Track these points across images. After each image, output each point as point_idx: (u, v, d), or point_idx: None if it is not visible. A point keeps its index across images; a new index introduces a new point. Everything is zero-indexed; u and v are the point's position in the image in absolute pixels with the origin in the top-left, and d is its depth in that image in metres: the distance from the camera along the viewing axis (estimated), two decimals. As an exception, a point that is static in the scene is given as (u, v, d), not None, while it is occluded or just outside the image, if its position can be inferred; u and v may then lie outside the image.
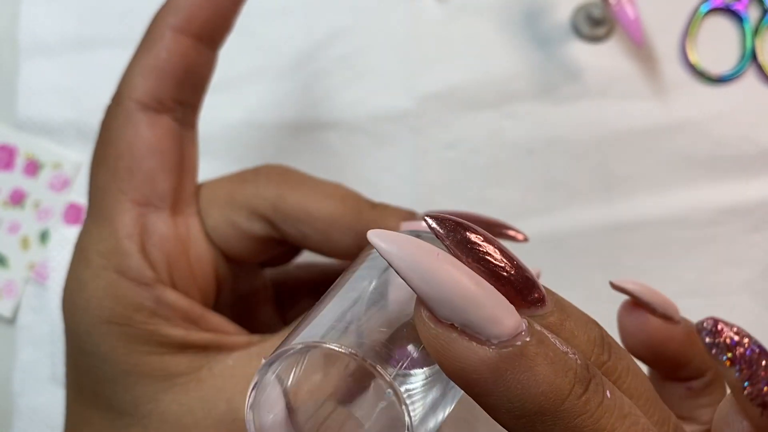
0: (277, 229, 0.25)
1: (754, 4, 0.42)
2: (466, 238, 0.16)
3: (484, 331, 0.15)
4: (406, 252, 0.15)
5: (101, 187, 0.24)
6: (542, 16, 0.42)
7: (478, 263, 0.16)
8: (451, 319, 0.15)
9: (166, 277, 0.24)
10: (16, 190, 0.40)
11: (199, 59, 0.25)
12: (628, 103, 0.41)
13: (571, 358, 0.16)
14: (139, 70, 0.25)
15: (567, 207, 0.40)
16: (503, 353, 0.15)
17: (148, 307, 0.23)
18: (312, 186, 0.25)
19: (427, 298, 0.15)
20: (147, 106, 0.24)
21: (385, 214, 0.25)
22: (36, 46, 0.41)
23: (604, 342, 0.18)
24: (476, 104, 0.41)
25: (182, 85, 0.25)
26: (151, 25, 0.25)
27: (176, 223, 0.25)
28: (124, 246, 0.23)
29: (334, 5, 0.41)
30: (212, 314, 0.24)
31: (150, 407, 0.23)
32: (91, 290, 0.23)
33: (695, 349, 0.21)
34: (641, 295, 0.21)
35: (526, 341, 0.15)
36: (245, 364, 0.23)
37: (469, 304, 0.15)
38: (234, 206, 0.25)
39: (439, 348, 0.15)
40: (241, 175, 0.26)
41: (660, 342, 0.21)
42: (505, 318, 0.15)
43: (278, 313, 0.32)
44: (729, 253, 0.40)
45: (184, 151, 0.25)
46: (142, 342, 0.23)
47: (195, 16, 0.25)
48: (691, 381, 0.22)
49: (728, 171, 0.41)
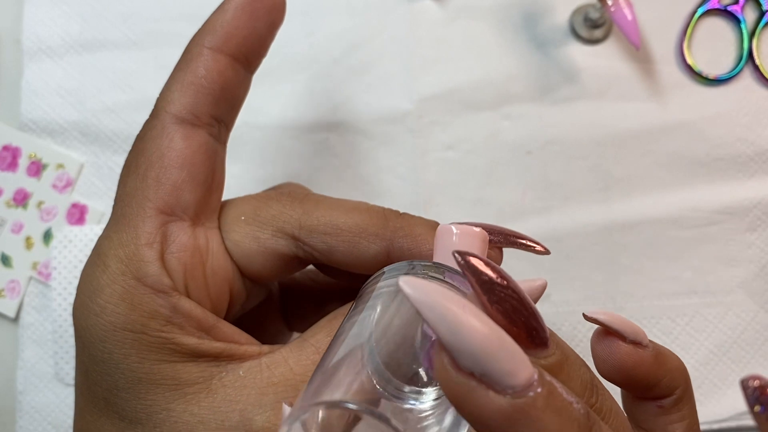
0: (303, 245, 0.25)
1: (751, 6, 0.42)
2: (489, 279, 0.18)
3: (501, 382, 0.16)
4: (435, 302, 0.16)
5: (128, 193, 0.25)
6: (540, 18, 0.42)
7: (498, 304, 0.18)
8: (471, 369, 0.16)
9: (181, 286, 0.24)
10: (19, 191, 0.41)
11: (236, 78, 0.26)
12: (626, 104, 0.41)
13: (575, 408, 0.17)
14: (178, 85, 0.25)
15: (565, 207, 0.41)
16: (517, 403, 0.16)
17: (164, 315, 0.23)
18: (335, 202, 0.26)
19: (451, 347, 0.16)
20: (183, 119, 0.25)
21: (411, 222, 0.25)
22: (39, 48, 0.41)
23: (593, 385, 0.19)
24: (475, 105, 0.41)
25: (219, 102, 0.26)
26: (189, 45, 0.26)
27: (196, 235, 0.25)
28: (144, 253, 0.23)
29: (334, 7, 0.42)
30: (225, 324, 0.25)
31: (162, 416, 0.23)
32: (107, 295, 0.23)
33: (663, 369, 0.22)
34: (611, 324, 0.22)
35: (538, 392, 0.16)
36: (256, 374, 0.23)
37: (490, 357, 0.16)
38: (260, 223, 0.25)
39: (459, 395, 0.16)
40: (266, 194, 0.27)
41: (631, 366, 0.22)
42: (520, 370, 0.16)
43: (284, 321, 0.32)
44: (725, 253, 0.40)
45: (215, 167, 0.26)
46: (156, 350, 0.23)
47: (232, 36, 0.25)
48: (661, 399, 0.23)
49: (725, 171, 0.41)
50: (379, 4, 0.42)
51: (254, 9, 0.26)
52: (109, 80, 0.41)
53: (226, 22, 0.25)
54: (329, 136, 0.41)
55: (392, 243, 0.24)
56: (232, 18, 0.25)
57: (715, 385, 0.40)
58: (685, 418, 0.23)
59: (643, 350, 0.22)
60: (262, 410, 0.22)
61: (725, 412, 0.39)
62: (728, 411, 0.39)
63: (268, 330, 0.31)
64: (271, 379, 0.23)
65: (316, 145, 0.41)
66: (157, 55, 0.41)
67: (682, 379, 0.23)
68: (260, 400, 0.23)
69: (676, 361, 0.23)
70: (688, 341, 0.40)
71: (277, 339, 0.32)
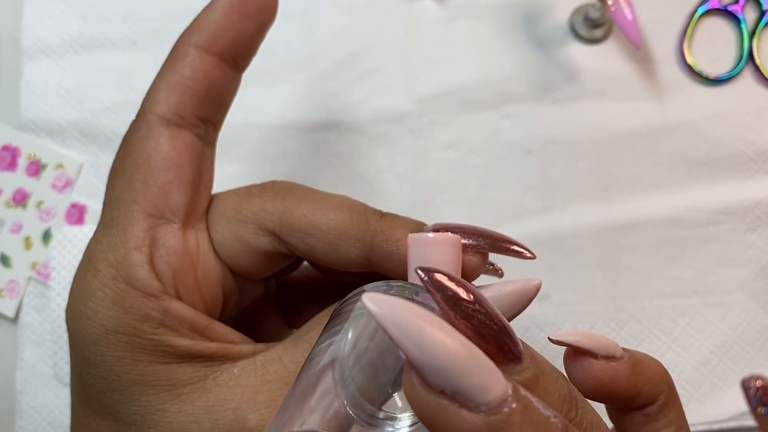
0: (284, 243, 0.25)
1: (751, 6, 0.42)
2: (454, 294, 0.17)
3: (474, 398, 0.15)
4: (400, 317, 0.15)
5: (116, 197, 0.24)
6: (541, 17, 0.42)
7: (465, 320, 0.17)
8: (441, 386, 0.15)
9: (171, 289, 0.24)
10: (18, 191, 0.41)
11: (223, 78, 0.26)
12: (626, 104, 0.41)
13: (552, 422, 0.16)
14: (163, 85, 0.25)
15: (565, 207, 0.41)
16: (491, 420, 0.15)
17: (155, 318, 0.23)
18: (318, 199, 0.25)
19: (419, 365, 0.15)
20: (169, 120, 0.25)
21: (393, 224, 0.24)
22: (39, 47, 0.41)
23: (572, 398, 0.19)
24: (475, 105, 0.41)
25: (205, 102, 0.25)
26: (176, 44, 0.26)
27: (186, 238, 0.25)
28: (133, 257, 0.23)
29: (334, 7, 0.42)
30: (218, 324, 0.25)
31: (156, 417, 0.23)
32: (99, 299, 0.23)
33: (643, 378, 0.22)
34: (580, 344, 0.21)
35: (513, 408, 0.16)
36: (250, 373, 0.23)
37: (460, 372, 0.15)
38: (241, 221, 0.25)
39: (430, 415, 0.16)
40: (248, 190, 0.26)
41: (608, 382, 0.21)
42: (493, 385, 0.16)
43: (283, 319, 0.32)
44: (726, 253, 0.40)
45: (202, 167, 0.26)
46: (148, 352, 0.23)
47: (219, 36, 0.25)
48: (646, 408, 0.22)
49: (725, 171, 0.41)
50: (379, 4, 0.42)
51: (244, 8, 0.25)
52: (108, 80, 0.41)
53: (214, 22, 0.25)
54: (329, 136, 0.41)
55: (372, 246, 0.24)
56: (220, 17, 0.25)
57: (716, 385, 0.40)
58: (672, 423, 0.22)
59: (618, 363, 0.21)
60: (255, 408, 0.22)
61: (725, 413, 0.39)
62: (728, 411, 0.39)
63: (267, 328, 0.31)
64: (266, 377, 0.23)
65: (316, 145, 0.41)
66: (157, 55, 0.41)
67: (664, 384, 0.22)
68: (254, 398, 0.23)
69: (655, 366, 0.22)
70: (689, 341, 0.40)
71: (276, 337, 0.32)
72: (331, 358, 0.19)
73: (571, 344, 0.21)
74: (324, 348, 0.20)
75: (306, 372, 0.20)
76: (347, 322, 0.21)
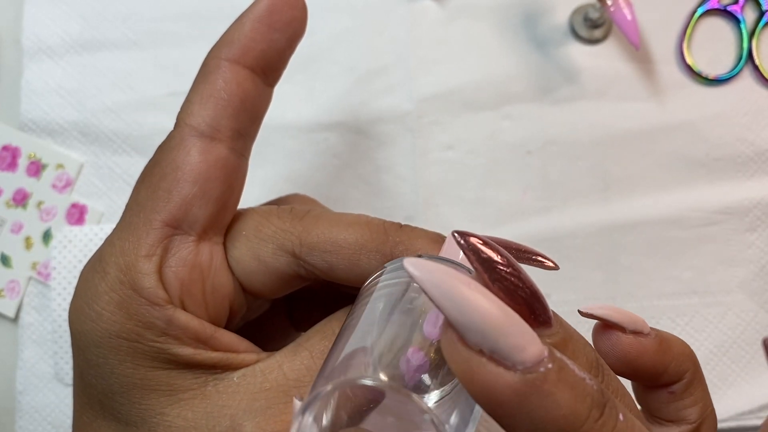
0: (304, 263, 0.25)
1: (751, 6, 0.42)
2: (489, 257, 0.18)
3: (510, 357, 0.16)
4: (440, 280, 0.16)
5: (138, 202, 0.24)
6: (540, 18, 0.42)
7: (499, 282, 0.18)
8: (479, 345, 0.16)
9: (177, 300, 0.24)
10: (19, 191, 0.41)
11: (255, 90, 0.26)
12: (626, 104, 0.41)
13: (588, 383, 0.17)
14: (197, 98, 0.25)
15: (565, 207, 0.41)
16: (528, 378, 0.16)
17: (159, 327, 0.23)
18: (335, 217, 0.25)
19: (457, 324, 0.16)
20: (202, 132, 0.25)
21: (412, 235, 0.25)
22: (39, 47, 0.41)
23: (599, 364, 0.19)
24: (475, 105, 0.41)
25: (239, 114, 0.25)
26: (206, 58, 0.26)
27: (199, 250, 0.25)
28: (142, 265, 0.23)
29: (334, 7, 0.42)
30: (223, 333, 0.25)
31: (156, 420, 0.23)
32: (104, 302, 0.23)
33: (669, 355, 0.22)
34: (609, 318, 0.22)
35: (549, 368, 0.16)
36: (249, 381, 0.23)
37: (498, 332, 0.16)
38: (260, 239, 0.25)
39: (468, 371, 0.16)
40: (268, 209, 0.26)
41: (635, 356, 0.22)
42: (530, 345, 0.16)
43: (291, 323, 0.32)
44: (725, 253, 0.40)
45: (234, 183, 0.25)
46: (151, 358, 0.23)
47: (249, 49, 0.25)
48: (671, 385, 0.23)
49: (724, 171, 0.41)
50: (379, 4, 0.42)
51: (273, 21, 0.25)
52: (109, 80, 0.41)
53: (243, 35, 0.25)
54: (329, 136, 0.41)
55: (393, 258, 0.24)
56: (249, 30, 0.25)
57: (715, 385, 0.40)
58: (698, 401, 0.23)
59: (645, 339, 0.22)
60: (252, 415, 0.22)
61: (725, 412, 0.39)
62: (728, 411, 0.39)
63: (275, 333, 0.31)
64: (264, 385, 0.23)
65: (316, 145, 0.41)
66: (157, 55, 0.41)
67: (690, 362, 0.22)
68: (251, 405, 0.23)
69: (682, 345, 0.23)
70: (688, 341, 0.39)
71: (284, 341, 0.32)
72: (359, 336, 0.20)
73: (600, 317, 0.22)
74: (352, 325, 0.20)
75: (338, 346, 0.20)
76: (373, 296, 0.21)
